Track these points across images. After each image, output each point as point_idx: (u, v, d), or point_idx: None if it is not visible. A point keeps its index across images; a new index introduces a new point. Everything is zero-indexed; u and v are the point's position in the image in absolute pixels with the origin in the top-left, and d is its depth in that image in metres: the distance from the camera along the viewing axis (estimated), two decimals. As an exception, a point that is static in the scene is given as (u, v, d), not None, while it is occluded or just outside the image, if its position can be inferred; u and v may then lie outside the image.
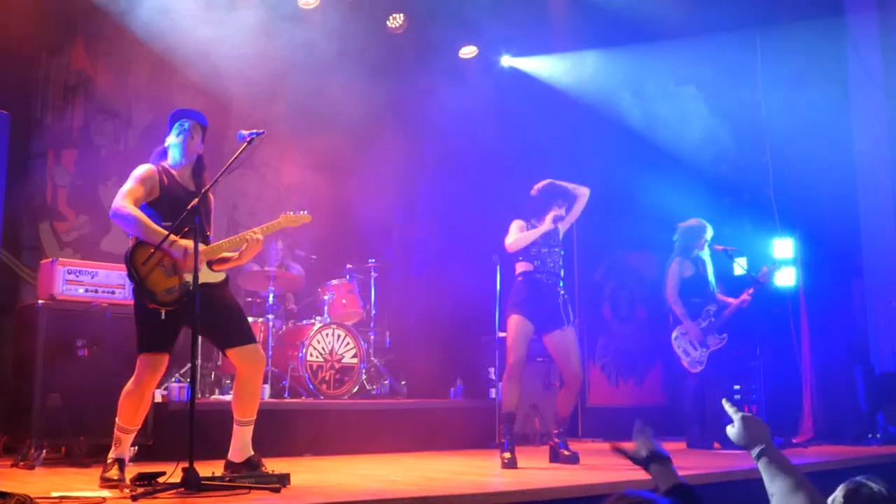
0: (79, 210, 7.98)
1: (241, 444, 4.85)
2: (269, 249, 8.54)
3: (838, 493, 2.28)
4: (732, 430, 2.59)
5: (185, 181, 4.91)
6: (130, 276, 4.65)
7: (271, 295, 8.11)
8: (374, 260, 8.90)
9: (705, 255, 7.88)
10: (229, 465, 4.82)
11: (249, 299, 8.30)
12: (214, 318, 4.75)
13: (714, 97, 8.80)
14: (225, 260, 4.94)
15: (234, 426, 4.88)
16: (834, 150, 8.79)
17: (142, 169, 4.84)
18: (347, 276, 8.70)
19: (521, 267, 6.39)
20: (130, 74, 8.23)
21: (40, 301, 5.93)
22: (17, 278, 7.48)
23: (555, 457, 6.27)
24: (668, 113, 8.94)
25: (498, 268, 6.79)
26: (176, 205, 4.68)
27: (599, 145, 9.07)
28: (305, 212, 5.14)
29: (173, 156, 4.92)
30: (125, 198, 4.71)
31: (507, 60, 9.93)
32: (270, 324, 7.92)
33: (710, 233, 7.86)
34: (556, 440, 6.33)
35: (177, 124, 4.94)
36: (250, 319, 7.74)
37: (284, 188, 9.24)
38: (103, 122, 8.13)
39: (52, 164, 7.91)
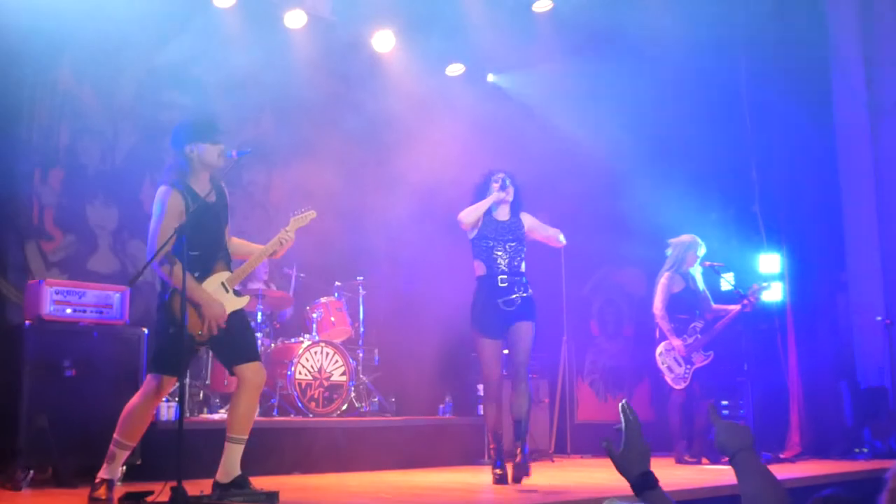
0: (65, 229, 7.98)
1: (229, 463, 4.85)
2: (258, 266, 8.55)
3: None
4: (716, 435, 2.63)
5: (206, 192, 4.87)
6: (171, 322, 4.70)
7: (259, 313, 8.12)
8: (362, 277, 8.92)
9: (696, 271, 7.94)
10: (217, 487, 4.83)
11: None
12: (227, 337, 4.84)
13: (700, 114, 8.88)
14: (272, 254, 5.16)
15: (226, 443, 4.88)
16: (818, 165, 8.91)
17: (166, 196, 4.77)
18: (336, 294, 8.72)
19: (476, 269, 6.20)
20: (116, 95, 8.24)
21: (27, 321, 5.92)
22: (4, 298, 7.46)
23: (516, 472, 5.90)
24: (652, 128, 9.02)
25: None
26: (201, 226, 4.72)
27: (584, 160, 9.15)
28: (310, 209, 5.23)
29: (201, 170, 4.88)
30: (156, 240, 4.67)
31: (492, 77, 9.99)
32: (259, 342, 7.92)
33: (702, 249, 7.92)
34: (517, 455, 5.95)
35: (222, 148, 4.89)
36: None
37: (273, 206, 9.26)
38: (90, 142, 8.14)
39: (39, 184, 7.90)
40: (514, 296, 6.06)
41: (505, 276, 6.06)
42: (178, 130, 4.93)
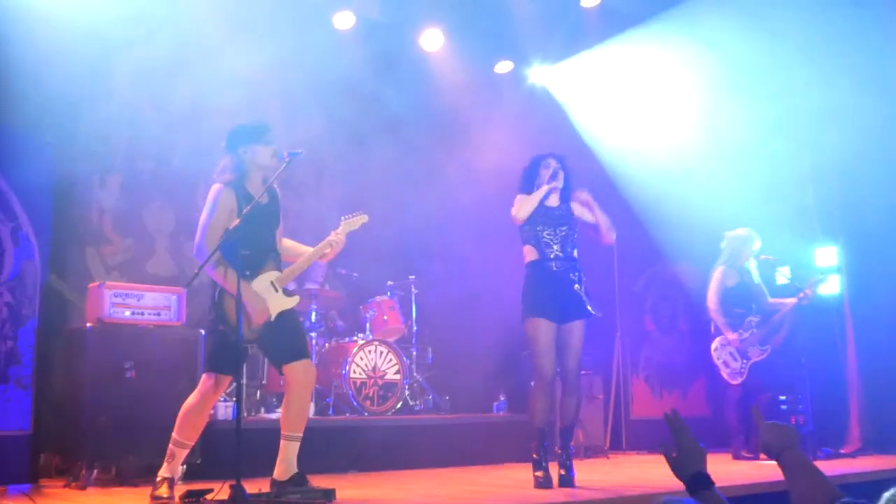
0: (124, 234, 8.16)
1: (286, 461, 4.94)
2: (313, 267, 8.65)
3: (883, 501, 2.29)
4: (762, 436, 2.64)
5: (258, 192, 4.97)
6: (221, 320, 4.84)
7: (314, 313, 8.22)
8: (413, 276, 8.99)
9: (751, 265, 7.88)
10: (275, 485, 4.92)
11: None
12: (278, 337, 4.93)
13: (751, 102, 8.76)
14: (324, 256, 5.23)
15: (281, 441, 4.98)
16: (878, 152, 8.72)
17: (219, 193, 4.92)
18: (388, 293, 8.79)
19: (527, 254, 5.92)
20: (172, 101, 8.39)
21: (88, 324, 6.08)
22: (66, 302, 7.64)
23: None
24: (706, 120, 8.93)
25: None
26: (253, 226, 4.78)
27: (636, 155, 9.11)
28: (361, 212, 5.34)
29: (254, 171, 5.01)
30: (205, 235, 4.84)
31: (538, 73, 9.95)
32: (314, 342, 8.03)
33: (757, 243, 7.85)
34: (558, 460, 5.74)
35: (274, 150, 5.00)
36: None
37: (325, 206, 9.35)
38: (146, 147, 8.30)
39: (98, 189, 8.09)
40: (572, 282, 5.77)
41: (559, 262, 5.79)
42: (232, 133, 5.07)
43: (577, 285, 5.79)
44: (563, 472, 5.65)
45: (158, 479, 4.86)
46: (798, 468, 2.54)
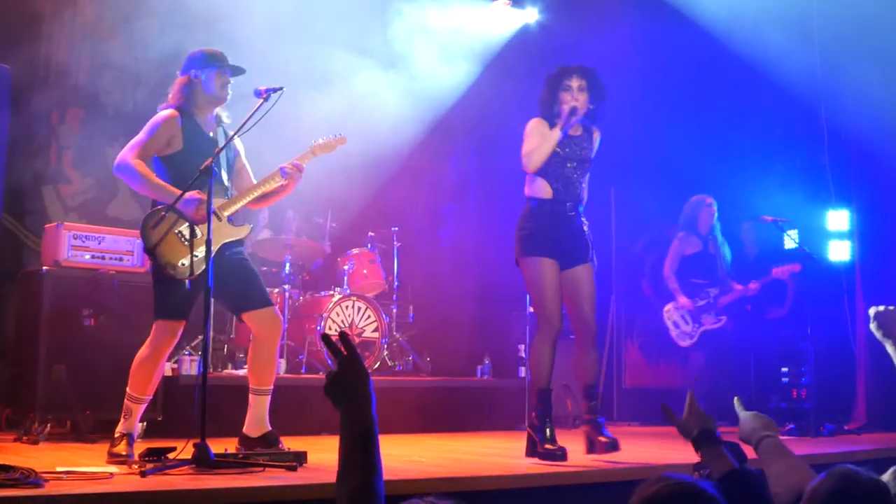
0: (84, 173, 8.03)
1: (257, 417, 4.91)
2: (284, 217, 8.57)
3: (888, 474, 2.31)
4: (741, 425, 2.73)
5: (208, 125, 5.01)
6: (144, 242, 4.77)
7: (287, 264, 8.14)
8: (396, 228, 8.90)
9: (719, 235, 7.93)
10: (244, 440, 4.89)
11: (265, 268, 8.32)
12: (230, 280, 4.86)
13: (765, 57, 8.66)
14: (266, 196, 5.12)
15: (250, 396, 4.94)
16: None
17: (160, 116, 4.92)
18: (369, 245, 8.71)
19: (536, 189, 5.29)
20: (139, 29, 8.22)
21: (45, 267, 5.99)
22: (20, 244, 7.55)
23: (591, 446, 5.14)
24: (712, 73, 8.83)
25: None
26: (200, 155, 4.73)
27: (637, 110, 9.00)
28: (340, 134, 5.26)
29: (202, 101, 5.00)
30: (133, 150, 4.83)
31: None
32: (287, 294, 7.96)
33: (713, 211, 7.86)
34: (588, 424, 5.19)
35: (219, 71, 4.98)
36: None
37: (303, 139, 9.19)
38: (110, 80, 8.15)
39: (57, 125, 7.95)
40: (581, 226, 5.32)
41: (578, 203, 5.30)
42: (188, 56, 5.07)
43: (586, 228, 5.36)
44: (604, 438, 5.08)
45: (116, 435, 4.80)
46: (774, 453, 2.60)
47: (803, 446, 6.23)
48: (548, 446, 5.06)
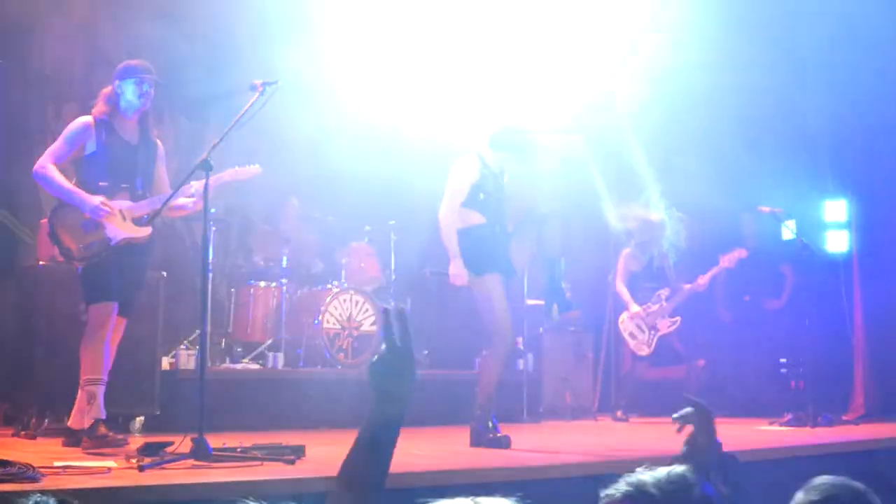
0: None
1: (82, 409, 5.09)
2: (285, 208, 8.56)
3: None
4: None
5: (129, 133, 5.31)
6: (50, 236, 5.13)
7: (285, 258, 8.15)
8: (394, 221, 8.89)
9: (667, 251, 8.18)
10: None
11: (262, 262, 8.31)
12: (130, 275, 5.21)
13: (762, 44, 8.65)
14: (181, 207, 5.38)
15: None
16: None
17: (75, 124, 5.28)
18: (366, 239, 8.71)
19: (472, 218, 5.90)
20: (134, 24, 8.22)
21: (41, 262, 5.99)
22: (16, 239, 7.54)
23: (476, 439, 5.72)
24: (708, 61, 8.80)
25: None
26: (114, 159, 5.15)
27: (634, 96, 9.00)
28: (256, 165, 5.50)
29: (123, 109, 5.31)
30: (48, 158, 5.18)
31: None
32: (284, 289, 7.97)
33: (668, 232, 8.14)
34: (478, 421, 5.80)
35: (136, 81, 5.29)
36: (262, 284, 7.88)
37: (299, 147, 9.20)
38: (105, 75, 8.13)
39: (52, 118, 7.94)
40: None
41: (502, 229, 5.94)
42: (116, 69, 5.43)
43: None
44: (491, 435, 5.69)
45: (87, 426, 4.99)
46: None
47: (801, 437, 6.25)
48: (499, 435, 5.63)
